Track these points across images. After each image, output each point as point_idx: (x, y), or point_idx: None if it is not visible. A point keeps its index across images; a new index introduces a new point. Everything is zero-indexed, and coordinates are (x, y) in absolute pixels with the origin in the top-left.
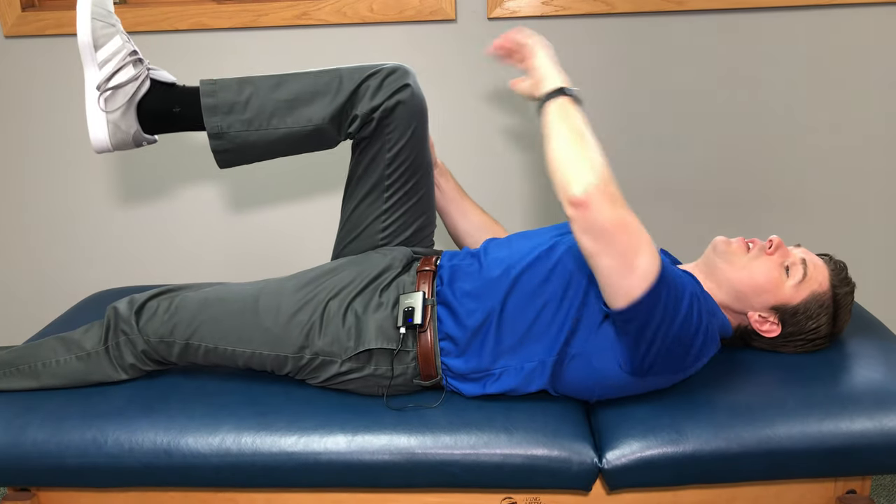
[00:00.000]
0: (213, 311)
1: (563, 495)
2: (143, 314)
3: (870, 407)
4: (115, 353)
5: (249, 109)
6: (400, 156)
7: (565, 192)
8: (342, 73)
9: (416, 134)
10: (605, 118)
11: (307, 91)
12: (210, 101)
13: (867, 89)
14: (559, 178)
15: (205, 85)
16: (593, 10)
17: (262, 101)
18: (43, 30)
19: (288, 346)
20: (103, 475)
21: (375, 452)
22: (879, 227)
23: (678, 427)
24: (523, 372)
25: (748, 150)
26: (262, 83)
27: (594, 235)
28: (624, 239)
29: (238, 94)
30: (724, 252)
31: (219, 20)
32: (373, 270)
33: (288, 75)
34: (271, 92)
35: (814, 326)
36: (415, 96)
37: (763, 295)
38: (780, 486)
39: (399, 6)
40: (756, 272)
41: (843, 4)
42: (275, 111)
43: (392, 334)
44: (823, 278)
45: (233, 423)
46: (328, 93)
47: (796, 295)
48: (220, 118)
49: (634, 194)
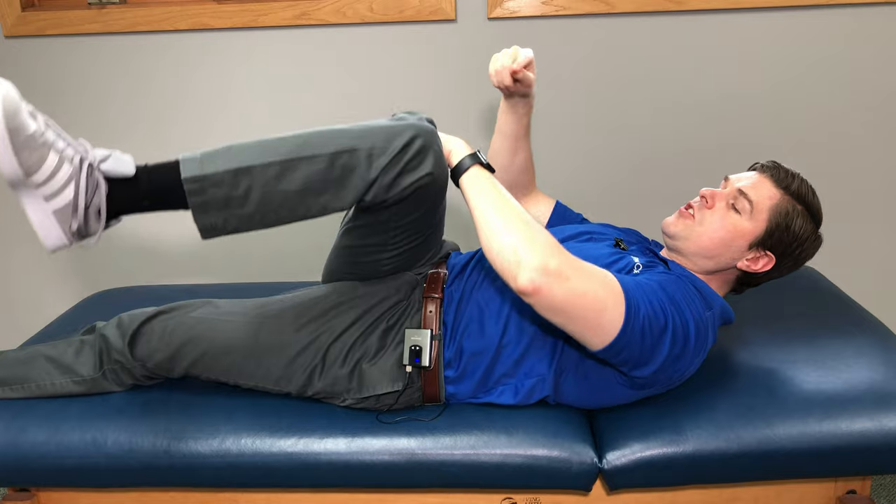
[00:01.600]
0: (212, 347)
1: (563, 495)
2: (136, 344)
3: (870, 407)
4: (113, 377)
5: (250, 203)
6: (409, 225)
7: (512, 284)
8: (358, 153)
9: (433, 205)
10: (605, 118)
11: (319, 180)
12: (199, 200)
13: (868, 89)
14: (499, 267)
15: (189, 183)
16: (593, 10)
17: (265, 193)
18: (43, 30)
19: (291, 384)
20: (103, 475)
21: (375, 453)
22: (879, 227)
23: (678, 427)
24: (524, 389)
25: (748, 150)
26: (262, 173)
27: (553, 313)
28: (582, 306)
29: (233, 188)
30: (674, 234)
31: (219, 20)
32: (376, 309)
33: (291, 161)
34: (275, 183)
35: (798, 231)
36: (436, 181)
37: (733, 243)
38: (780, 486)
39: (399, 6)
40: (711, 231)
41: (843, 4)
42: (282, 204)
43: (397, 374)
44: (769, 190)
45: (233, 423)
46: (343, 181)
47: (758, 223)
48: (215, 215)
49: (634, 195)
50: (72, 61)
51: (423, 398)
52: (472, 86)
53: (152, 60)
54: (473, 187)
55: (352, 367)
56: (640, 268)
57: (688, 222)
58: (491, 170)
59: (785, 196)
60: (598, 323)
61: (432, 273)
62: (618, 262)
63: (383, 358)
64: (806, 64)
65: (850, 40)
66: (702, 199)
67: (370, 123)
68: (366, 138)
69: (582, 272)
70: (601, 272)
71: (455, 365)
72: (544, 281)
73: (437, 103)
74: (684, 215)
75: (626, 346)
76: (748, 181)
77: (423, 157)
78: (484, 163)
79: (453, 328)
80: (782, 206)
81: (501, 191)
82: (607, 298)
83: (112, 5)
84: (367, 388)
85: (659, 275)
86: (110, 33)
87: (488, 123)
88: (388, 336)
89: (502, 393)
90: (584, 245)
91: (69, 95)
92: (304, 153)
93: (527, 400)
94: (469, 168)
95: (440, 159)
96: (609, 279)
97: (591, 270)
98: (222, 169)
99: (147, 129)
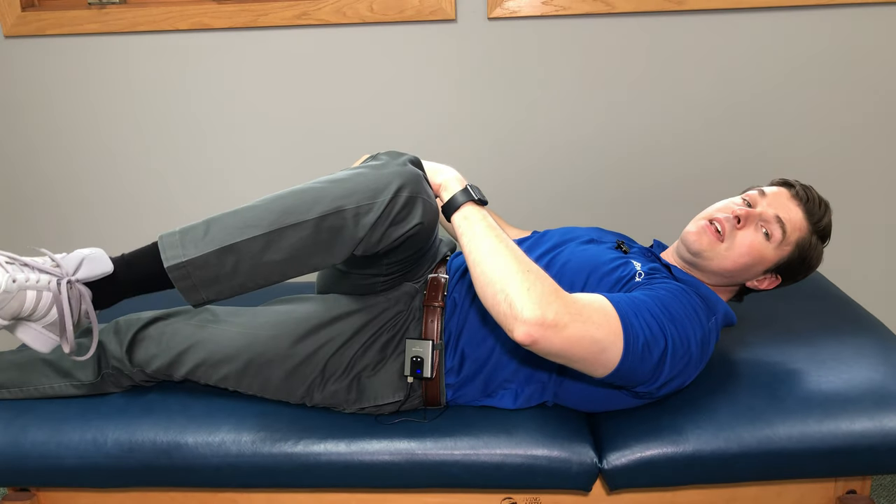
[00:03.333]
0: (211, 357)
1: (563, 495)
2: (135, 351)
3: (870, 407)
4: (113, 379)
5: (239, 275)
6: (404, 259)
7: (509, 334)
8: (344, 213)
9: (427, 242)
10: (605, 118)
11: (306, 246)
12: (186, 284)
13: (868, 89)
14: (495, 315)
15: (174, 271)
16: (593, 10)
17: (253, 266)
18: (43, 30)
19: (291, 395)
20: (103, 475)
21: (375, 453)
22: (879, 227)
23: (678, 427)
24: (524, 394)
25: (748, 150)
26: (247, 248)
27: (553, 357)
28: (580, 349)
29: (220, 267)
30: (698, 251)
31: (219, 20)
32: (376, 321)
33: (275, 231)
34: (262, 255)
35: (811, 262)
36: (426, 228)
37: (753, 268)
38: (780, 486)
39: (399, 6)
40: (737, 255)
41: (843, 4)
42: (273, 270)
43: (399, 384)
44: (800, 221)
45: (233, 423)
46: (331, 242)
47: (782, 252)
48: (205, 291)
49: (634, 195)
50: (72, 61)
51: (424, 403)
52: (471, 86)
53: (152, 60)
54: (466, 230)
55: (351, 380)
56: (642, 275)
57: (713, 240)
58: (484, 202)
59: (811, 229)
60: (596, 360)
61: (432, 279)
62: (620, 269)
63: (384, 369)
64: (806, 64)
65: (852, 40)
66: (734, 218)
67: (353, 174)
68: (351, 196)
69: (580, 316)
70: (598, 307)
71: (457, 371)
72: (541, 334)
73: (437, 103)
74: (712, 234)
75: (628, 373)
76: (784, 207)
77: (412, 209)
78: (476, 199)
79: (456, 335)
80: (807, 240)
81: (495, 232)
82: (606, 338)
83: (112, 5)
84: (368, 399)
85: (661, 286)
86: (110, 33)
87: (488, 123)
88: (389, 347)
89: (503, 397)
90: (587, 247)
91: (69, 95)
92: (289, 221)
93: (526, 404)
94: (461, 206)
95: (429, 206)
96: (606, 313)
97: (588, 311)
98: (205, 251)
99: (147, 129)
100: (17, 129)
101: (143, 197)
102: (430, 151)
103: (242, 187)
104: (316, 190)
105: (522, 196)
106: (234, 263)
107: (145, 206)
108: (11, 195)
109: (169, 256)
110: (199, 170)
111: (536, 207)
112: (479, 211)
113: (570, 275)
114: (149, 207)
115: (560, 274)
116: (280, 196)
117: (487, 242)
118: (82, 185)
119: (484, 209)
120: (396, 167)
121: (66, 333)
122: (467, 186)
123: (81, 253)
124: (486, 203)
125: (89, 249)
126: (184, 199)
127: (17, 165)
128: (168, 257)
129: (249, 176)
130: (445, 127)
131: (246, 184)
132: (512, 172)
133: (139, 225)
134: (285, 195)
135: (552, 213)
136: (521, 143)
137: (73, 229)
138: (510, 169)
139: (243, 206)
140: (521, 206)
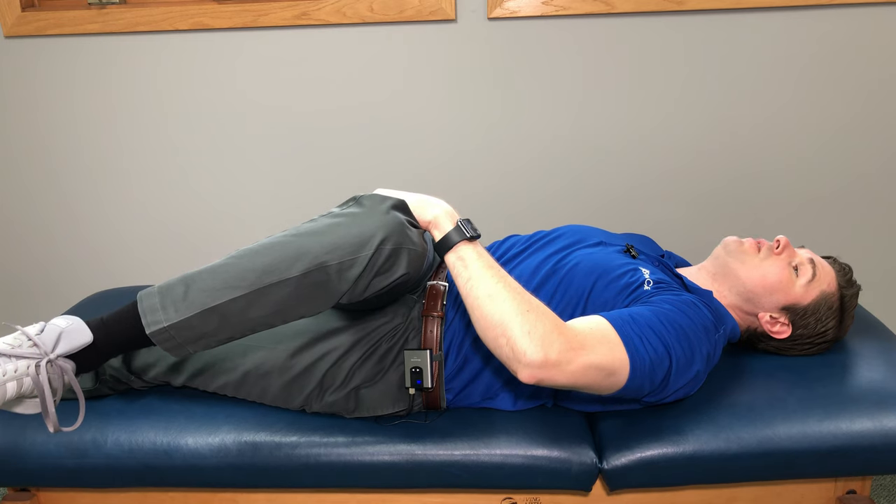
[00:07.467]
0: (208, 366)
1: (563, 496)
2: (132, 359)
3: (870, 407)
4: (111, 385)
5: (224, 331)
6: (390, 295)
7: (515, 375)
8: (328, 268)
9: (414, 286)
10: (605, 118)
11: (290, 301)
12: (171, 345)
13: (868, 89)
14: (498, 356)
15: (157, 336)
16: (593, 10)
17: (238, 322)
18: (43, 30)
19: (289, 404)
20: (103, 475)
21: (375, 453)
22: (879, 227)
23: (678, 428)
24: (523, 396)
25: (749, 150)
26: (229, 308)
27: (561, 388)
28: (585, 379)
29: (203, 326)
30: (735, 251)
31: (219, 20)
32: (375, 333)
33: (257, 291)
34: (246, 311)
35: (822, 329)
36: (411, 277)
37: (775, 294)
38: (780, 486)
39: (399, 6)
40: (768, 272)
41: (843, 4)
42: (259, 323)
43: (399, 395)
44: (831, 279)
45: (233, 423)
46: (315, 296)
47: (806, 295)
48: (191, 347)
49: (635, 195)
50: (72, 61)
51: (424, 406)
52: (471, 86)
53: (153, 60)
54: (461, 271)
55: (349, 391)
56: (651, 283)
57: (753, 247)
58: (477, 236)
59: (837, 293)
60: (602, 385)
61: (431, 287)
62: (628, 275)
63: (383, 380)
64: (806, 64)
65: (852, 40)
66: (775, 242)
67: (334, 225)
68: (333, 252)
69: (583, 349)
70: (601, 336)
71: (458, 378)
72: (546, 374)
73: (437, 103)
74: (753, 244)
75: (634, 390)
76: (820, 260)
77: (396, 260)
78: (469, 236)
79: (459, 343)
80: (829, 299)
81: (491, 271)
82: (611, 365)
83: (112, 5)
84: (367, 409)
85: (670, 299)
86: (110, 33)
87: (488, 123)
88: (387, 359)
89: (503, 399)
90: (596, 251)
91: (69, 95)
92: (270, 280)
93: (525, 405)
94: (454, 245)
95: (414, 254)
96: (609, 340)
97: (591, 341)
98: (187, 315)
99: (147, 129)
100: (17, 129)
101: (143, 196)
102: (430, 151)
103: (242, 187)
104: (296, 245)
105: (522, 195)
106: (218, 322)
107: (144, 205)
108: (11, 196)
109: (150, 322)
110: (198, 169)
111: (536, 207)
112: (473, 250)
113: (579, 279)
114: (148, 207)
115: (568, 277)
116: (258, 252)
117: (484, 284)
118: (81, 184)
119: (477, 244)
120: (379, 216)
121: (49, 415)
122: (458, 223)
123: (59, 326)
124: (479, 237)
125: (66, 320)
126: (183, 199)
127: (17, 165)
128: (149, 322)
129: (249, 176)
130: (445, 127)
131: (246, 184)
132: (511, 172)
133: (139, 224)
134: (264, 251)
135: (552, 212)
136: (521, 142)
137: (73, 229)
138: (510, 168)
139: (221, 261)
140: (521, 205)
